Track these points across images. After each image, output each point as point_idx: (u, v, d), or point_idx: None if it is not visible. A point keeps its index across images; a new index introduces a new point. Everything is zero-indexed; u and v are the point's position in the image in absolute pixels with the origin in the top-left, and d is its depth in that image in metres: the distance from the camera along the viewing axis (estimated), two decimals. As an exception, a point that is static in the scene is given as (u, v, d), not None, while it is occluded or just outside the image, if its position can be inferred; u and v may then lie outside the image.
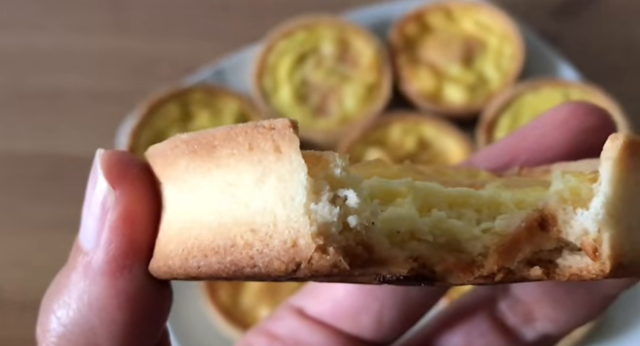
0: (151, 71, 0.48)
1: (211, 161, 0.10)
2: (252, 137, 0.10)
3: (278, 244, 0.09)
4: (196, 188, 0.10)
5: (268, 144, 0.09)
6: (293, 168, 0.09)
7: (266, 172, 0.09)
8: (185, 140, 0.10)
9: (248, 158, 0.09)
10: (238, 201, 0.09)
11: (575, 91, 0.43)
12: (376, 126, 0.43)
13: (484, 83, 0.44)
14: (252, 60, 0.45)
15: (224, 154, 0.10)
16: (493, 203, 0.10)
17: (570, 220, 0.09)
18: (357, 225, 0.09)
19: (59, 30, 0.49)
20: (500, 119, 0.43)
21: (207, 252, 0.10)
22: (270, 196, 0.09)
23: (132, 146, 0.42)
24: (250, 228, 0.09)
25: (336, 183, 0.10)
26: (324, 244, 0.09)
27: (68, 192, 0.45)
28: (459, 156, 0.42)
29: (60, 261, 0.49)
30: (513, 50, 0.45)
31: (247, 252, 0.09)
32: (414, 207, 0.10)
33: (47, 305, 0.12)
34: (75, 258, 0.12)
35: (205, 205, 0.10)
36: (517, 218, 0.09)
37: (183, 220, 0.10)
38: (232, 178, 0.10)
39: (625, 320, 0.38)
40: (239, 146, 0.10)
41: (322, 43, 0.45)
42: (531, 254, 0.10)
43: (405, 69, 0.45)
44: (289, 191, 0.09)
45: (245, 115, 0.44)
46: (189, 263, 0.10)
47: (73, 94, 0.47)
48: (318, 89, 0.44)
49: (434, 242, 0.10)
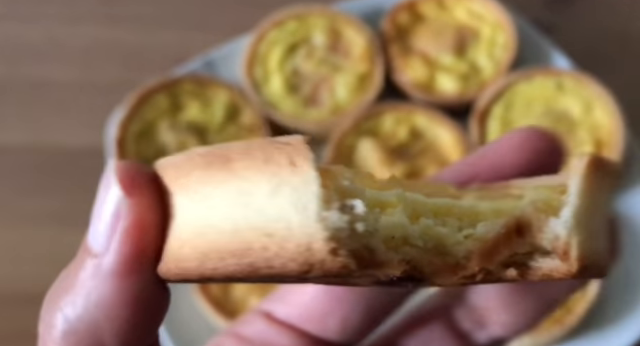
0: (141, 62, 0.47)
1: (226, 173, 0.11)
2: (268, 152, 0.11)
3: (293, 247, 0.10)
4: (209, 197, 0.11)
5: (284, 158, 0.10)
6: (307, 180, 0.10)
7: (281, 183, 0.10)
8: (201, 153, 0.11)
9: (264, 171, 0.10)
10: (253, 209, 0.10)
11: (568, 80, 0.43)
12: (368, 116, 0.43)
13: (477, 72, 0.44)
14: (242, 50, 0.44)
15: (240, 167, 0.11)
16: (473, 212, 0.11)
17: (543, 227, 0.11)
18: (363, 231, 0.10)
19: (49, 21, 0.49)
20: (493, 108, 0.43)
21: (224, 255, 0.11)
22: (285, 205, 0.10)
23: (121, 137, 0.41)
24: (266, 233, 0.10)
25: (344, 193, 0.11)
26: (336, 247, 0.10)
27: (57, 184, 0.44)
28: (452, 146, 0.42)
29: (50, 254, 0.48)
30: (506, 39, 0.44)
31: (264, 254, 0.10)
32: (405, 216, 0.11)
33: (52, 302, 0.13)
34: (83, 259, 0.13)
35: (219, 213, 0.11)
36: (496, 225, 0.11)
37: (196, 226, 0.11)
38: (247, 188, 0.11)
39: (617, 309, 0.38)
40: (255, 160, 0.11)
41: (313, 33, 0.45)
42: (507, 257, 0.11)
43: (397, 59, 0.44)
44: (303, 200, 0.10)
45: (236, 105, 0.43)
46: (206, 265, 0.11)
47: (62, 85, 0.47)
48: (309, 79, 0.44)
49: (423, 247, 0.11)
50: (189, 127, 0.42)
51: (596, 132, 0.42)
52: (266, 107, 0.43)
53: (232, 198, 0.11)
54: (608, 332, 0.37)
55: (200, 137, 0.42)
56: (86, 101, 0.46)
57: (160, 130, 0.42)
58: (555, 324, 0.37)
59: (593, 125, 0.42)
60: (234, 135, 0.43)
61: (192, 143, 0.42)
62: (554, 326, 0.37)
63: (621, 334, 0.37)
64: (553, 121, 0.42)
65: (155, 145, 0.42)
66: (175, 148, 0.42)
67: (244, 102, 0.43)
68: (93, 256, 0.13)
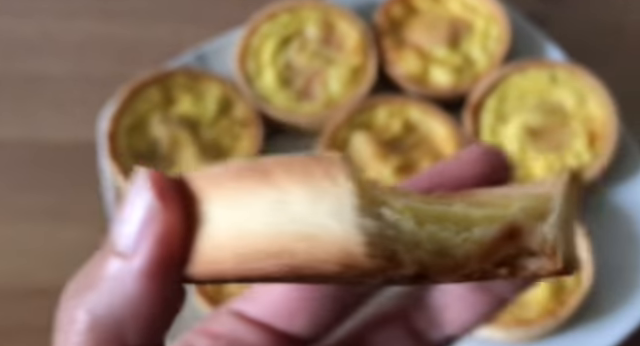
0: (135, 56, 0.47)
1: (264, 184, 0.12)
2: (308, 165, 0.12)
3: (335, 251, 0.12)
4: (247, 205, 0.12)
5: (322, 171, 0.12)
6: (344, 191, 0.11)
7: (320, 194, 0.11)
8: (238, 166, 0.13)
9: (303, 182, 0.12)
10: (292, 216, 0.12)
11: (562, 72, 0.43)
12: (361, 109, 0.42)
13: (470, 65, 0.44)
14: (235, 44, 0.44)
15: (279, 178, 0.12)
16: (466, 218, 0.12)
17: (533, 231, 0.12)
18: (392, 236, 0.12)
19: (42, 15, 0.49)
20: (486, 101, 0.43)
21: (265, 257, 0.12)
22: (324, 213, 0.11)
23: (112, 131, 0.41)
24: (307, 238, 0.12)
25: (375, 202, 0.12)
26: (372, 251, 0.12)
27: (50, 179, 0.44)
28: (445, 139, 0.42)
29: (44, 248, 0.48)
30: (500, 32, 0.44)
31: (306, 257, 0.12)
32: (413, 222, 0.12)
33: (75, 297, 0.14)
34: (107, 257, 0.14)
35: (257, 219, 0.12)
36: (492, 230, 0.12)
37: (233, 231, 0.12)
38: (286, 198, 0.12)
39: (611, 301, 0.38)
40: (295, 172, 0.12)
41: (306, 26, 0.45)
42: (500, 258, 0.12)
43: (391, 52, 0.44)
44: (341, 209, 0.11)
45: (228, 99, 0.43)
46: (245, 266, 0.12)
47: (56, 80, 0.47)
48: (302, 72, 0.44)
49: (431, 249, 0.12)
50: (181, 121, 0.42)
51: (589, 124, 0.42)
52: (259, 101, 0.43)
53: (271, 206, 0.12)
54: (602, 324, 0.37)
55: (192, 131, 0.42)
56: (80, 95, 0.46)
57: (152, 124, 0.42)
58: (548, 316, 0.37)
59: (586, 117, 0.42)
60: (226, 129, 0.42)
61: (184, 137, 0.42)
62: (547, 318, 0.37)
63: (615, 326, 0.37)
64: (546, 113, 0.42)
65: (147, 139, 0.42)
66: (167, 142, 0.42)
67: (237, 96, 0.43)
68: (119, 256, 0.13)
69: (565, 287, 0.37)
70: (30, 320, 0.40)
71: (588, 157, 0.41)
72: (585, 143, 0.41)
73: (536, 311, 0.37)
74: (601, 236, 0.39)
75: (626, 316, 0.37)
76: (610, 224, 0.40)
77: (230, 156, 0.42)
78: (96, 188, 0.42)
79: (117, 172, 0.40)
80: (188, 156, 0.41)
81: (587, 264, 0.37)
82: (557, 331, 0.37)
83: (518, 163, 0.41)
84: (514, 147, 0.41)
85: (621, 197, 0.41)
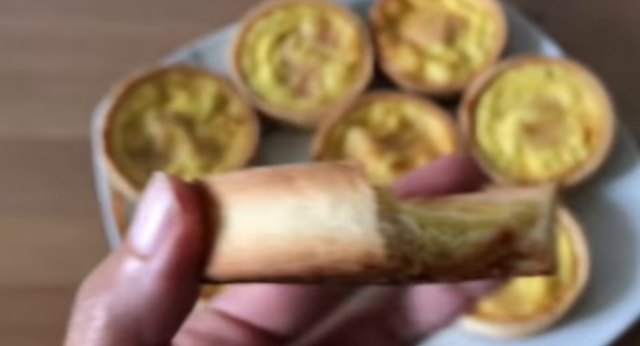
0: (130, 53, 0.47)
1: (288, 190, 0.13)
2: (330, 173, 0.13)
3: (357, 253, 0.12)
4: (269, 210, 0.13)
5: (344, 178, 0.13)
6: (365, 197, 0.12)
7: (341, 200, 0.12)
8: (262, 172, 0.13)
9: (326, 189, 0.13)
10: (315, 220, 0.13)
11: (558, 68, 0.43)
12: (357, 106, 0.42)
13: (466, 62, 0.44)
14: (230, 41, 0.44)
15: (302, 185, 0.13)
16: (461, 223, 0.13)
17: (524, 235, 0.13)
18: (407, 239, 0.13)
19: (37, 12, 0.48)
20: (482, 97, 0.42)
21: (290, 259, 0.13)
22: (346, 217, 0.12)
23: (107, 128, 0.41)
24: (329, 240, 0.12)
25: (393, 208, 0.13)
26: (391, 253, 0.13)
27: (45, 176, 0.44)
28: (442, 135, 0.42)
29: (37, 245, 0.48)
30: (496, 28, 0.44)
31: (329, 258, 0.12)
32: (417, 226, 0.13)
33: (92, 294, 0.14)
34: (124, 256, 0.14)
35: (281, 223, 0.13)
36: (487, 233, 0.13)
37: (256, 234, 0.13)
38: (308, 203, 0.13)
39: (606, 296, 0.38)
40: (318, 179, 0.13)
41: (302, 22, 0.45)
42: (494, 260, 0.13)
43: (387, 48, 0.44)
44: (362, 214, 0.12)
45: (224, 96, 0.43)
46: (270, 268, 0.13)
47: (50, 77, 0.47)
48: (298, 69, 0.44)
49: (433, 252, 0.13)
50: (176, 118, 0.42)
51: (585, 120, 0.42)
52: (254, 98, 0.43)
53: (293, 211, 0.13)
54: (597, 320, 0.37)
55: (188, 128, 0.42)
56: (75, 92, 0.46)
57: (147, 121, 0.42)
58: (544, 312, 0.37)
59: (582, 113, 0.42)
60: (222, 126, 0.42)
61: (179, 134, 0.41)
62: (543, 314, 0.37)
63: (611, 322, 0.37)
64: (542, 109, 0.42)
65: (142, 136, 0.42)
66: (162, 139, 0.41)
67: (232, 93, 0.43)
68: (137, 256, 0.14)
69: (561, 283, 0.37)
70: (28, 318, 0.40)
71: (584, 153, 0.41)
72: (581, 139, 0.41)
73: (532, 307, 0.37)
74: (597, 232, 0.39)
75: (622, 312, 0.37)
76: (606, 220, 0.40)
77: (225, 153, 0.42)
78: (92, 186, 0.42)
79: (112, 169, 0.40)
80: (183, 153, 0.41)
81: (583, 260, 0.38)
82: (553, 327, 0.37)
83: (514, 159, 0.41)
84: (510, 143, 0.41)
85: (617, 193, 0.41)
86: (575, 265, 0.38)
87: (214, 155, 0.41)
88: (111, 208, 0.40)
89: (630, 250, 0.39)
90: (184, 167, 0.41)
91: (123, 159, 0.41)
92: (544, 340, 0.37)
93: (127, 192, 0.40)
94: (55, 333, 0.39)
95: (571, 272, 0.38)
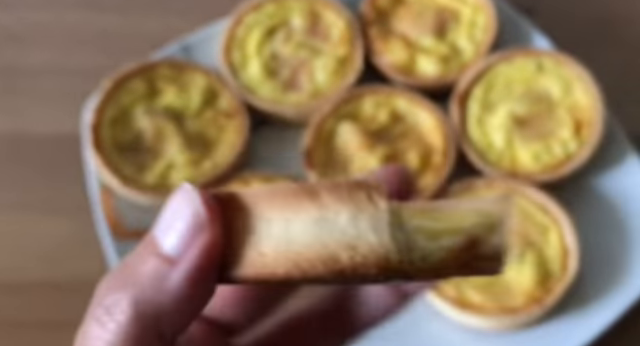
0: (119, 47, 0.47)
1: (312, 203, 0.15)
2: (352, 189, 0.15)
3: (374, 258, 0.14)
4: (293, 221, 0.15)
5: (363, 194, 0.15)
6: (381, 210, 0.15)
7: (361, 213, 0.14)
8: (288, 186, 0.15)
9: (347, 202, 0.15)
10: (337, 229, 0.14)
11: (548, 60, 0.43)
12: (348, 100, 0.42)
13: (457, 55, 0.44)
14: (220, 34, 0.44)
15: (325, 199, 0.15)
16: (434, 230, 0.15)
17: (486, 240, 0.15)
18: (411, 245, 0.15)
19: (26, 6, 0.48)
20: (473, 90, 0.42)
21: (315, 264, 0.15)
22: (365, 228, 0.14)
23: (96, 123, 0.41)
24: (351, 248, 0.14)
25: (399, 219, 0.15)
26: (402, 258, 0.15)
27: (34, 172, 0.44)
28: (432, 128, 0.42)
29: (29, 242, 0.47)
30: (486, 21, 0.44)
31: (351, 263, 0.14)
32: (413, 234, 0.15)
33: (115, 290, 0.15)
34: (147, 256, 0.15)
35: (305, 232, 0.15)
36: (458, 240, 0.15)
37: (281, 242, 0.15)
38: (331, 215, 0.15)
39: (596, 288, 0.38)
40: (340, 194, 0.15)
41: (292, 16, 0.44)
42: (461, 261, 0.15)
43: (377, 41, 0.44)
44: (379, 225, 0.14)
45: (213, 90, 0.43)
46: (296, 271, 0.15)
47: (39, 72, 0.46)
48: (288, 63, 0.44)
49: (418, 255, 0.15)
50: (166, 112, 0.42)
51: (576, 112, 0.42)
52: (244, 92, 0.43)
53: (317, 221, 0.15)
54: (587, 311, 0.37)
55: (177, 122, 0.42)
56: (64, 87, 0.45)
57: (136, 115, 0.42)
58: (534, 304, 0.37)
59: (573, 105, 0.42)
60: (212, 120, 0.42)
61: (169, 128, 0.41)
62: (533, 306, 0.37)
63: (600, 313, 0.37)
64: (533, 102, 0.42)
65: (131, 130, 0.41)
66: (151, 133, 0.41)
67: (222, 87, 0.43)
68: (163, 258, 0.15)
69: (551, 275, 0.37)
70: (20, 314, 0.40)
71: (574, 145, 0.41)
72: (571, 131, 0.41)
73: (522, 299, 0.37)
74: (587, 224, 0.39)
75: (612, 303, 0.37)
76: (596, 212, 0.40)
77: (215, 147, 0.41)
78: (81, 181, 0.42)
79: (101, 164, 0.40)
80: (173, 148, 0.41)
81: (573, 252, 0.38)
82: (543, 319, 0.37)
83: (505, 152, 0.41)
84: (500, 136, 0.41)
85: (607, 185, 0.41)
86: (565, 257, 0.38)
87: (204, 149, 0.41)
88: (100, 203, 0.40)
89: (620, 242, 0.39)
90: (173, 161, 0.41)
91: (112, 154, 0.41)
92: (534, 332, 0.37)
93: (116, 187, 0.40)
94: (47, 328, 0.39)
95: (561, 264, 0.38)
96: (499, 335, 0.37)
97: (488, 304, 0.37)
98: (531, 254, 0.38)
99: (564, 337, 0.37)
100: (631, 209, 0.40)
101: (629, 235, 0.39)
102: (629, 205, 0.40)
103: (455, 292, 0.37)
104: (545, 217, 0.39)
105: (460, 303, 0.37)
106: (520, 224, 0.39)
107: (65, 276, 0.40)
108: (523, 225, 0.39)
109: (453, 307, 0.37)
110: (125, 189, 0.40)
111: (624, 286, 0.38)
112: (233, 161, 0.41)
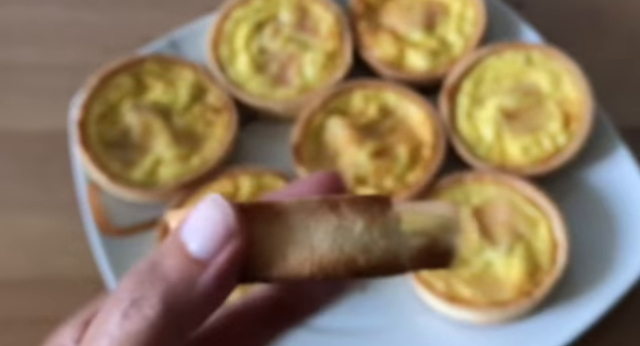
0: (108, 43, 0.46)
1: (331, 214, 0.17)
2: (368, 203, 0.17)
3: (387, 259, 0.17)
4: (316, 228, 0.17)
5: (377, 206, 0.17)
6: (390, 220, 0.17)
7: (374, 222, 0.17)
8: (311, 199, 0.18)
9: (362, 213, 0.17)
10: (352, 237, 0.17)
11: (537, 54, 0.43)
12: (337, 94, 0.42)
13: (446, 48, 0.44)
14: (208, 29, 0.43)
15: (345, 211, 0.17)
16: (399, 232, 0.18)
17: (444, 241, 0.18)
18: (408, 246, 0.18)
19: (12, 3, 0.48)
20: (462, 84, 0.42)
21: (336, 265, 0.17)
22: (377, 234, 0.17)
23: (82, 119, 0.40)
24: (366, 252, 0.17)
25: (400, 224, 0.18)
26: (408, 257, 0.17)
27: (21, 169, 0.43)
28: (422, 123, 0.42)
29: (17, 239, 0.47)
30: (475, 14, 0.44)
31: (367, 264, 0.17)
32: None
33: (144, 287, 0.16)
34: (181, 259, 0.17)
35: (325, 238, 0.17)
36: (422, 240, 0.17)
37: (305, 246, 0.17)
38: (349, 224, 0.17)
39: (586, 280, 0.38)
40: (359, 207, 0.17)
41: (280, 10, 0.44)
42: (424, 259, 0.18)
43: (366, 36, 0.44)
44: (390, 232, 0.17)
45: (201, 86, 0.43)
46: (319, 271, 0.17)
47: (26, 68, 0.46)
48: (277, 58, 0.43)
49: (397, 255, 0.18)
50: (153, 108, 0.41)
51: (565, 105, 0.42)
52: (232, 87, 0.42)
53: (337, 229, 0.17)
54: (577, 304, 0.37)
55: (164, 118, 0.41)
56: (51, 83, 0.45)
57: (123, 111, 0.41)
58: (524, 297, 0.37)
59: (562, 98, 0.42)
60: (200, 116, 0.42)
61: (156, 124, 0.41)
62: (523, 299, 0.37)
63: (590, 305, 0.37)
64: (522, 95, 0.42)
65: (118, 127, 0.41)
66: (139, 129, 0.41)
67: (210, 82, 0.42)
68: (192, 260, 0.17)
69: (540, 268, 0.37)
70: (7, 311, 0.39)
71: (563, 138, 0.41)
72: (560, 124, 0.41)
73: (512, 292, 0.37)
74: (576, 217, 0.39)
75: (601, 296, 0.37)
76: (585, 205, 0.40)
77: (203, 143, 0.41)
78: (69, 177, 0.42)
79: (88, 161, 0.40)
80: (160, 143, 0.41)
81: (562, 245, 0.38)
82: (533, 312, 0.37)
83: (494, 145, 0.41)
84: (490, 130, 0.41)
85: (596, 178, 0.41)
86: (554, 250, 0.38)
87: (192, 145, 0.41)
88: (88, 200, 0.40)
89: (609, 235, 0.39)
90: (161, 157, 0.40)
91: (99, 150, 0.40)
92: (524, 325, 0.37)
93: (103, 183, 0.40)
94: (35, 325, 0.39)
95: (550, 257, 0.38)
96: (489, 328, 0.37)
97: (478, 298, 0.37)
98: (520, 247, 0.38)
99: (554, 330, 0.37)
100: (620, 202, 0.40)
101: (618, 228, 0.39)
102: (618, 198, 0.40)
103: (445, 287, 0.37)
104: (534, 210, 0.39)
105: (450, 297, 0.37)
106: (509, 217, 0.39)
107: (53, 273, 0.40)
108: (512, 218, 0.39)
109: (443, 301, 0.37)
110: (112, 185, 0.39)
111: (613, 278, 0.38)
112: (221, 157, 0.41)
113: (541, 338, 0.36)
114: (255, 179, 0.40)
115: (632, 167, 0.40)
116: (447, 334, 0.37)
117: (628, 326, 0.38)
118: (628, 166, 0.40)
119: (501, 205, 0.39)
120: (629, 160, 0.40)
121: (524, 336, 0.37)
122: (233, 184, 0.40)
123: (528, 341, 0.37)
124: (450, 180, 0.40)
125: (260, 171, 0.40)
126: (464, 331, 0.37)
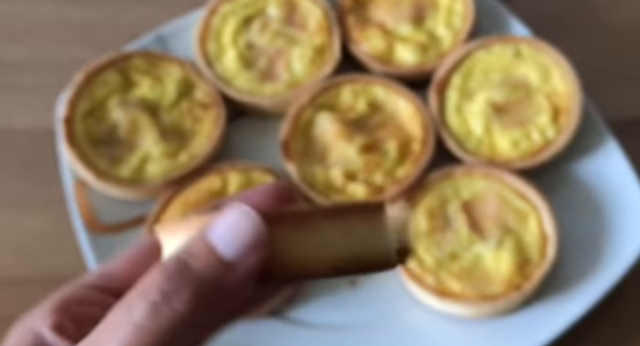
0: (92, 39, 0.46)
1: (340, 220, 0.20)
2: (374, 211, 0.20)
3: (388, 256, 0.20)
4: (327, 233, 0.19)
5: (379, 213, 0.20)
6: (388, 226, 0.20)
7: (376, 227, 0.20)
8: (322, 207, 0.21)
9: (367, 220, 0.20)
10: (359, 239, 0.20)
11: (526, 47, 0.43)
12: (325, 89, 0.42)
13: (435, 42, 0.44)
14: (195, 24, 0.43)
15: (352, 218, 0.20)
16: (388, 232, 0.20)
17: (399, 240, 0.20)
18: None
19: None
20: (452, 78, 0.42)
21: (347, 263, 0.20)
22: (379, 236, 0.20)
23: (68, 116, 0.40)
24: (369, 251, 0.19)
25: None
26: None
27: (8, 166, 0.43)
28: (411, 117, 0.41)
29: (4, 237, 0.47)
30: (464, 8, 0.44)
31: (370, 260, 0.20)
32: None
33: (176, 281, 0.18)
34: (211, 259, 0.18)
35: (336, 241, 0.20)
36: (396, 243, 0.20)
37: (320, 248, 0.19)
38: (353, 227, 0.19)
39: (575, 274, 0.38)
40: (364, 214, 0.20)
41: (268, 5, 0.44)
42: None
43: (354, 30, 0.43)
44: (387, 235, 0.20)
45: (189, 81, 0.42)
46: (333, 269, 0.20)
47: (12, 65, 0.46)
48: (265, 53, 0.43)
49: None
50: (141, 104, 0.41)
51: (554, 99, 0.42)
52: (220, 83, 0.42)
53: (345, 233, 0.20)
54: (567, 297, 0.37)
55: (152, 114, 0.41)
56: (37, 81, 0.45)
57: (110, 108, 0.41)
58: (514, 291, 0.37)
59: (551, 92, 0.42)
60: (187, 112, 0.42)
61: (144, 120, 0.41)
62: (513, 293, 0.37)
63: (580, 298, 0.37)
64: (511, 89, 0.42)
65: (106, 123, 0.41)
66: (126, 126, 0.41)
67: (197, 78, 0.42)
68: (221, 261, 0.18)
69: (530, 261, 0.37)
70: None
71: (552, 132, 0.41)
72: (550, 118, 0.41)
73: (501, 286, 0.37)
74: (566, 210, 0.39)
75: (591, 288, 0.37)
76: (574, 198, 0.40)
77: (191, 139, 0.41)
78: (57, 175, 0.41)
79: (74, 158, 0.39)
80: (148, 140, 0.40)
81: (552, 238, 0.38)
82: (523, 305, 0.37)
83: (483, 139, 0.41)
84: (479, 123, 0.41)
85: (585, 171, 0.41)
86: (544, 243, 0.38)
87: (180, 141, 0.41)
88: (75, 197, 0.39)
89: (598, 228, 0.39)
90: (149, 154, 0.40)
91: (86, 147, 0.40)
92: (514, 318, 0.37)
93: (90, 181, 0.40)
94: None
95: (540, 250, 0.38)
96: (479, 322, 0.37)
97: (468, 292, 0.37)
98: (510, 241, 0.38)
99: (544, 323, 0.37)
100: (609, 195, 0.40)
101: (607, 221, 0.39)
102: (607, 191, 0.40)
103: (435, 281, 0.37)
104: (524, 203, 0.39)
105: (440, 291, 0.37)
106: (499, 211, 0.39)
107: (41, 270, 0.40)
108: (502, 212, 0.39)
109: (433, 295, 0.37)
110: (99, 183, 0.39)
111: (602, 271, 0.38)
112: (209, 153, 0.40)
113: (531, 331, 0.36)
114: (243, 175, 0.40)
115: (621, 160, 0.40)
116: (437, 328, 0.37)
117: (618, 318, 0.39)
118: (617, 159, 0.40)
119: (491, 199, 0.39)
120: (618, 153, 0.40)
121: (514, 329, 0.37)
122: (221, 180, 0.40)
123: (518, 334, 0.37)
124: (440, 174, 0.40)
125: (248, 167, 0.40)
126: (454, 325, 0.37)
